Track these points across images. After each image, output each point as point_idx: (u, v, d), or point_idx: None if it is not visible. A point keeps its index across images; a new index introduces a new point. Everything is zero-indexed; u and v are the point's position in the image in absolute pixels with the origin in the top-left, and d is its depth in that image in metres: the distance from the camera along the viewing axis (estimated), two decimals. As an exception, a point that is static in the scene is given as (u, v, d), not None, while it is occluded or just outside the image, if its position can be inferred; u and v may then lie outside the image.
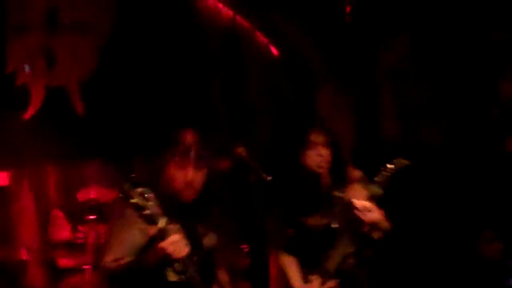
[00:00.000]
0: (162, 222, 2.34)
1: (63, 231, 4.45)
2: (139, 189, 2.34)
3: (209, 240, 2.62)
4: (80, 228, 4.35)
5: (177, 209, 2.53)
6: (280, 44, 5.11)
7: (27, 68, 4.49)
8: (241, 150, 2.71)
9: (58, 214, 4.48)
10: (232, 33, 4.96)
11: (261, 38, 5.10)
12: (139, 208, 2.33)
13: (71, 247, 4.35)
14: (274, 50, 5.15)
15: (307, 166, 2.95)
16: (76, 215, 4.40)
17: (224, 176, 2.79)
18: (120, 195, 2.35)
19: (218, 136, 3.65)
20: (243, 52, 5.00)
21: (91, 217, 4.21)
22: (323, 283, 2.89)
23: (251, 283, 3.58)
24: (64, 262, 4.30)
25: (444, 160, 4.38)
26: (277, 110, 5.02)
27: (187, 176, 2.53)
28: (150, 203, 2.34)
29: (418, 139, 4.65)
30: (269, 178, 2.70)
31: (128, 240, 2.49)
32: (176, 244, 2.34)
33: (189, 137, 2.57)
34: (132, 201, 2.33)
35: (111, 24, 4.65)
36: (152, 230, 2.35)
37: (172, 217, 2.42)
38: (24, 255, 4.22)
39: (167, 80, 4.64)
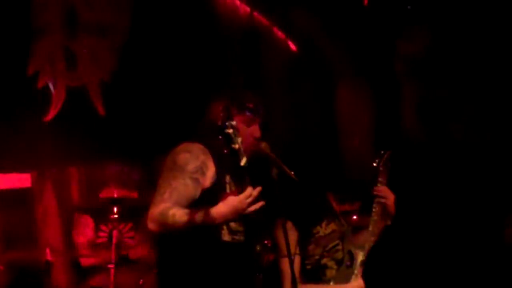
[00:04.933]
0: (244, 161, 2.33)
1: (86, 231, 4.47)
2: (234, 122, 2.34)
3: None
4: (103, 228, 4.37)
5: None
6: (298, 39, 5.08)
7: (48, 70, 4.52)
8: (264, 146, 2.69)
9: (82, 214, 4.51)
10: (250, 30, 4.95)
11: (279, 34, 5.08)
12: (230, 140, 2.31)
13: (95, 247, 4.37)
14: (293, 46, 5.13)
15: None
16: (99, 215, 4.41)
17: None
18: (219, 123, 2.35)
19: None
20: (262, 48, 4.99)
21: (114, 216, 4.23)
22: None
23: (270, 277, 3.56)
24: (88, 262, 4.32)
25: (465, 152, 4.34)
26: (296, 106, 5.00)
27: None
28: (239, 139, 2.33)
29: (439, 133, 4.60)
30: (292, 173, 2.68)
31: (180, 188, 2.46)
32: (251, 198, 2.33)
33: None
34: (227, 131, 2.31)
35: (130, 24, 4.67)
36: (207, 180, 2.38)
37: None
38: (48, 256, 4.24)
39: (186, 79, 4.64)
